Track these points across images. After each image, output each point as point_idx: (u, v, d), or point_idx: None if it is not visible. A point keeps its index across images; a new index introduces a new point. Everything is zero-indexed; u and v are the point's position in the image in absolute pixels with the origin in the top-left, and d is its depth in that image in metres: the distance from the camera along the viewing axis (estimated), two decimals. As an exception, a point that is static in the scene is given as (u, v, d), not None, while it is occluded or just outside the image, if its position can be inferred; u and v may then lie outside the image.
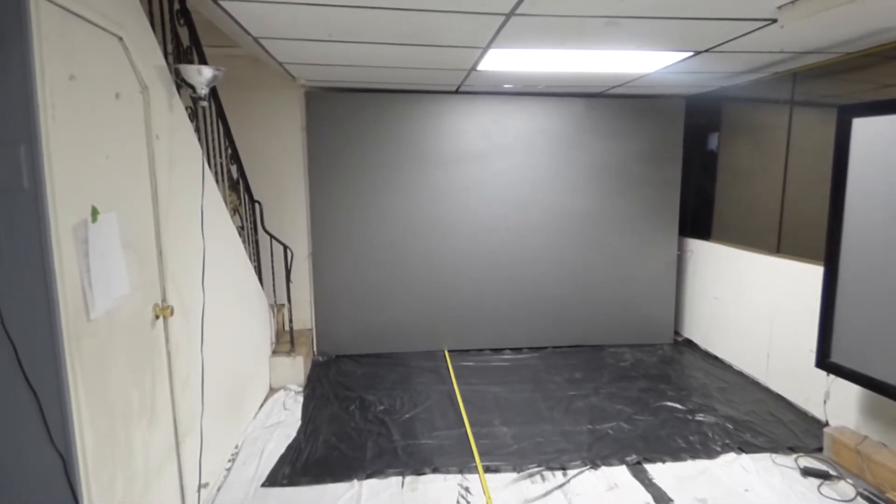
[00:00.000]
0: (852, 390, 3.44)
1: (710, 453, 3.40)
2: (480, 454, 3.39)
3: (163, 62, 2.53)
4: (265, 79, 4.60)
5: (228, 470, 3.21)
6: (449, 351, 5.30)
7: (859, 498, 2.95)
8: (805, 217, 4.00)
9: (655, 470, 3.23)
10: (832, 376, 3.37)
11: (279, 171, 4.84)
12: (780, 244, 4.26)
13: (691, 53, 3.49)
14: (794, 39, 3.20)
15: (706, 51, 3.42)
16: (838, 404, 3.61)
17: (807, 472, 3.17)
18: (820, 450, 3.41)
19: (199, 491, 2.70)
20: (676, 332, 5.69)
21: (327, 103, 4.87)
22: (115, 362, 2.04)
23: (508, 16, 2.68)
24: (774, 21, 2.75)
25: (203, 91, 2.65)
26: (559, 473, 3.19)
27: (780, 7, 2.58)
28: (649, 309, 5.49)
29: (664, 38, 3.14)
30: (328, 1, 2.46)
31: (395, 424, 3.79)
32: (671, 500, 2.94)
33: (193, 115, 2.92)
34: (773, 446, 3.48)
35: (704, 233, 5.30)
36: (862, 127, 3.05)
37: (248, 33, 3.03)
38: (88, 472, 1.80)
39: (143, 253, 2.29)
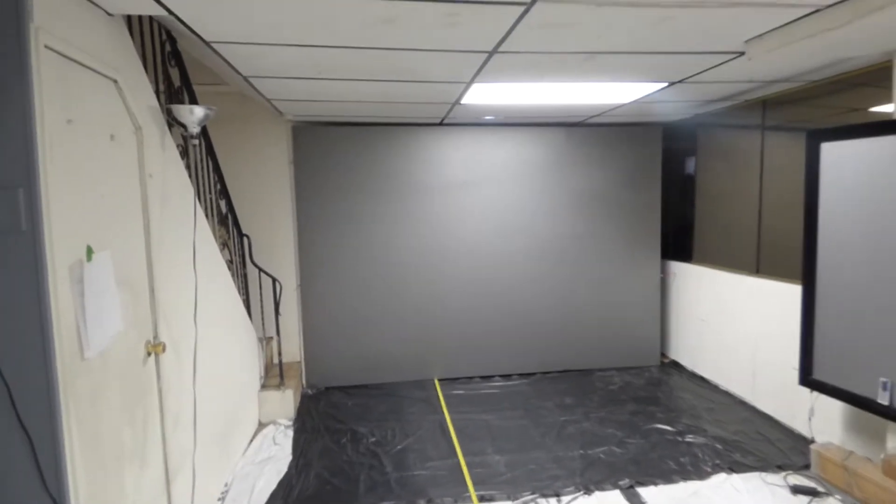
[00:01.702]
0: (836, 406, 3.51)
1: (701, 474, 3.43)
2: (474, 483, 3.39)
3: (155, 103, 2.59)
4: (253, 114, 4.67)
5: (219, 508, 3.16)
6: (439, 380, 5.30)
7: (848, 514, 3.00)
8: (781, 238, 4.13)
9: (648, 493, 3.25)
10: (816, 393, 3.45)
11: (267, 205, 4.88)
12: (759, 265, 4.38)
13: (666, 84, 3.64)
14: (762, 70, 3.36)
15: (680, 81, 3.57)
16: (823, 421, 3.68)
17: (796, 490, 3.22)
18: (808, 467, 3.46)
19: (191, 531, 2.66)
20: (663, 354, 5.76)
21: (314, 137, 4.95)
22: (108, 402, 2.03)
23: (491, 53, 2.79)
24: (742, 54, 2.90)
25: (195, 130, 2.70)
26: (553, 500, 3.19)
27: (747, 41, 2.72)
28: (636, 332, 5.56)
29: (640, 71, 3.28)
30: (317, 42, 2.55)
31: (388, 456, 3.77)
32: (665, 522, 2.96)
33: (184, 153, 2.97)
34: (763, 465, 3.53)
35: (686, 255, 5.42)
36: (830, 150, 3.19)
37: (238, 73, 3.11)
38: (82, 514, 1.78)
39: (136, 290, 2.30)
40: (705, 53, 2.92)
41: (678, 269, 5.52)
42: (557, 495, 3.23)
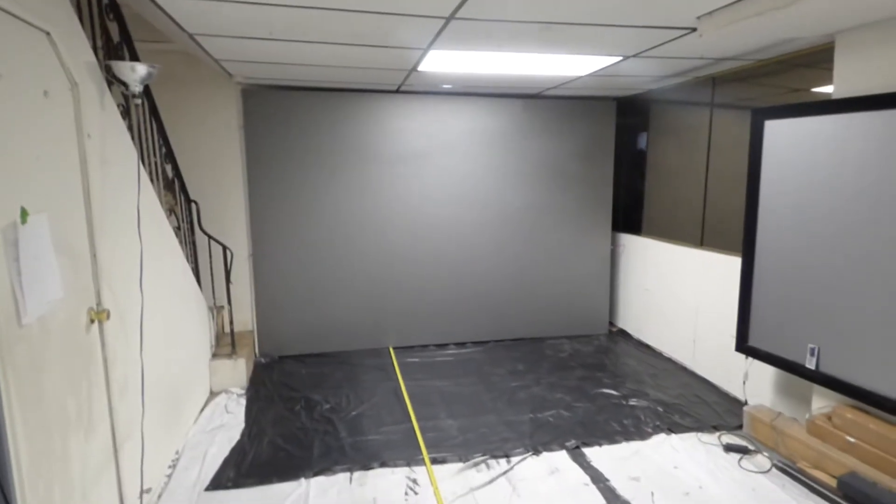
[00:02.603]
0: (768, 371, 3.75)
1: (643, 435, 3.62)
2: (427, 447, 3.47)
3: (93, 58, 2.45)
4: (199, 76, 4.47)
5: (169, 476, 3.13)
6: (394, 348, 5.34)
7: (774, 469, 3.23)
8: (725, 212, 4.31)
9: (593, 453, 3.41)
10: (750, 359, 3.66)
11: (216, 171, 4.72)
12: (703, 238, 4.57)
13: (621, 58, 3.68)
14: (712, 47, 3.44)
15: (634, 56, 3.62)
16: (756, 385, 3.92)
17: (728, 448, 3.44)
18: (740, 427, 3.70)
19: (141, 496, 2.63)
20: (611, 323, 5.97)
21: (265, 101, 4.80)
22: (49, 369, 1.97)
23: (448, 19, 2.75)
24: (694, 30, 2.97)
25: (137, 88, 2.57)
26: (503, 461, 3.31)
27: (699, 17, 2.78)
28: (586, 301, 5.74)
29: (596, 44, 3.30)
30: (270, 0, 2.45)
31: (342, 422, 3.80)
32: (608, 479, 3.12)
33: (126, 113, 2.83)
34: (699, 426, 3.74)
35: (635, 228, 5.59)
36: (773, 128, 3.33)
37: (184, 30, 2.95)
38: (24, 483, 1.74)
39: (76, 255, 2.21)
40: (659, 28, 2.96)
41: (628, 240, 5.69)
42: (507, 456, 3.35)
